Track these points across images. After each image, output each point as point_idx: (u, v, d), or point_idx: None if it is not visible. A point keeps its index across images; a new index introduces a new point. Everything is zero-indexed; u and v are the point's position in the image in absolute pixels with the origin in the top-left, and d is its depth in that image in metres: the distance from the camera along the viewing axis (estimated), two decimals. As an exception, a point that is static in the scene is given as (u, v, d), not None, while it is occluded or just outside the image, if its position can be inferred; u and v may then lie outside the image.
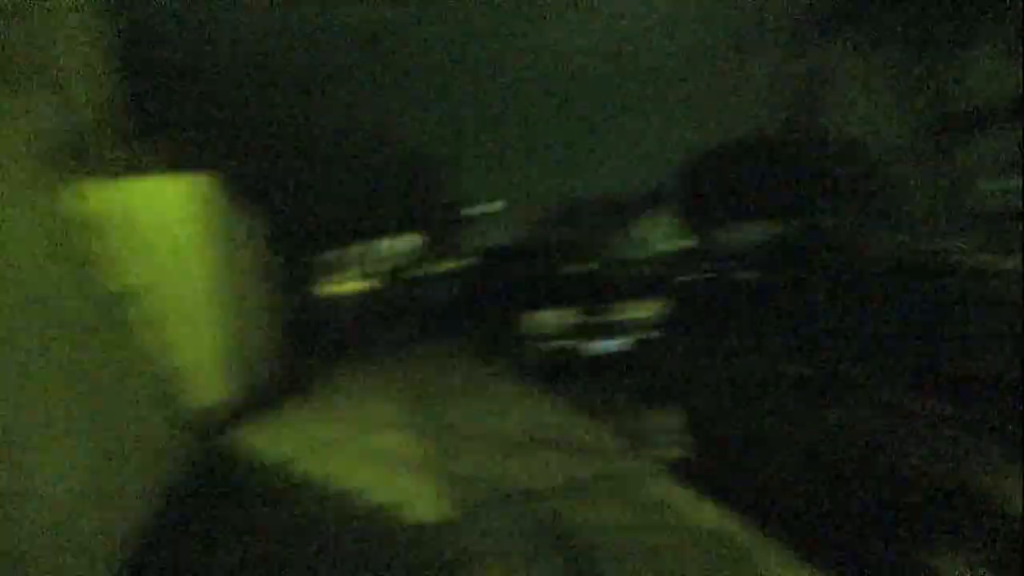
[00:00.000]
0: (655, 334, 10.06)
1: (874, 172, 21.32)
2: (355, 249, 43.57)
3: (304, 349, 14.53)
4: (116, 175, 6.04)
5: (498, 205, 47.87)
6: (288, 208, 13.68)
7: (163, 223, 7.45)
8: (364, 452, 6.21)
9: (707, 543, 3.91)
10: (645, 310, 10.17)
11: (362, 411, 8.02)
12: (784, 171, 32.34)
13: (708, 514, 4.34)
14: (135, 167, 7.14)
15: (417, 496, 4.93)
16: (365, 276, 55.36)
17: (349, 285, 58.19)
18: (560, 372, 10.06)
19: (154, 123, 8.86)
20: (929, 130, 17.32)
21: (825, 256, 5.19)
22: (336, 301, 34.18)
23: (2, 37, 3.99)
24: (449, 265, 40.54)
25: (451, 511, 4.60)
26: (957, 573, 2.92)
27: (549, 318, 9.77)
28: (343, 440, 6.66)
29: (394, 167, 18.60)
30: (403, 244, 47.20)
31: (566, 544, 4.00)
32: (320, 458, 6.11)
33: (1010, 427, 2.87)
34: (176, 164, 8.61)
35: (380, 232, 27.96)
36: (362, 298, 36.88)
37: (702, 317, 5.91)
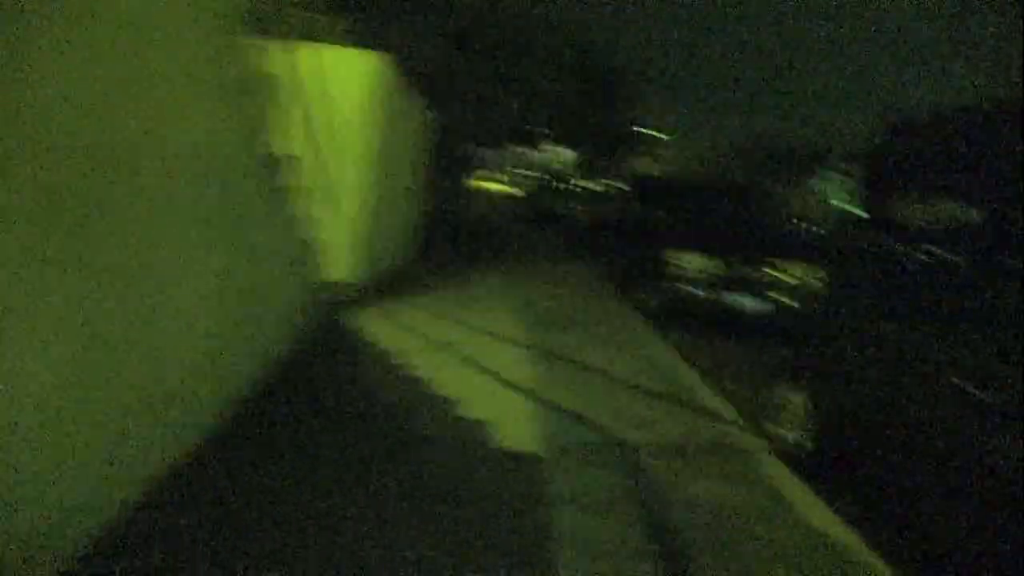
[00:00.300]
0: (804, 301, 9.32)
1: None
2: (513, 151, 43.60)
3: (444, 242, 14.73)
4: (296, 39, 6.01)
5: (670, 135, 45.95)
6: (455, 99, 13.55)
7: (332, 94, 7.47)
8: (472, 363, 6.12)
9: (811, 544, 3.50)
10: (799, 272, 9.37)
11: (483, 320, 7.95)
12: (992, 150, 28.76)
13: (819, 513, 3.89)
14: (315, 34, 7.14)
15: (513, 420, 4.78)
16: (516, 181, 55.55)
17: (498, 186, 58.78)
18: (695, 321, 9.54)
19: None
20: None
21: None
22: (483, 199, 34.59)
23: None
24: (605, 186, 39.90)
25: (541, 445, 4.40)
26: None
27: (694, 261, 9.19)
28: (455, 344, 6.60)
29: (574, 75, 17.94)
30: (563, 155, 46.68)
31: (653, 510, 3.71)
32: (428, 358, 6.09)
33: None
34: (355, 38, 8.59)
35: (541, 139, 27.55)
36: (510, 202, 37.08)
37: (865, 293, 5.23)
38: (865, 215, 35.45)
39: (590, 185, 38.83)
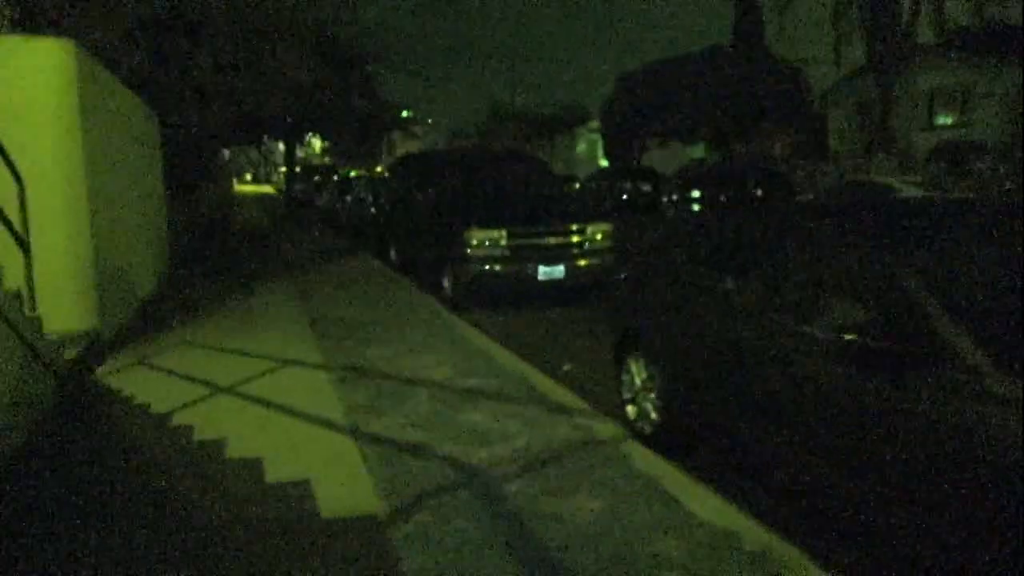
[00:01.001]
0: (611, 261, 9.07)
1: None
2: (266, 147, 40.75)
3: (204, 258, 12.90)
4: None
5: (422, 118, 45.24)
6: (184, 95, 11.65)
7: (10, 95, 5.77)
8: (262, 403, 4.97)
9: (706, 540, 2.92)
10: (599, 232, 9.10)
11: (264, 343, 6.72)
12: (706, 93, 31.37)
13: (708, 502, 3.35)
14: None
15: (328, 472, 3.77)
16: (274, 178, 52.23)
17: (255, 186, 54.90)
18: (502, 301, 8.95)
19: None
20: None
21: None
22: (242, 203, 31.85)
23: None
24: (369, 171, 38.50)
25: (372, 498, 3.46)
26: None
27: (488, 236, 8.55)
28: (237, 386, 5.38)
29: (319, 58, 16.51)
30: (320, 146, 44.43)
31: (525, 553, 2.94)
32: (206, 413, 4.85)
33: None
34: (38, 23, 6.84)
35: (296, 131, 25.63)
36: (273, 202, 34.59)
37: (686, 242, 4.83)
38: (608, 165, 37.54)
39: (355, 172, 37.29)
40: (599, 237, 9.07)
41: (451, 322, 7.67)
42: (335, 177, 28.31)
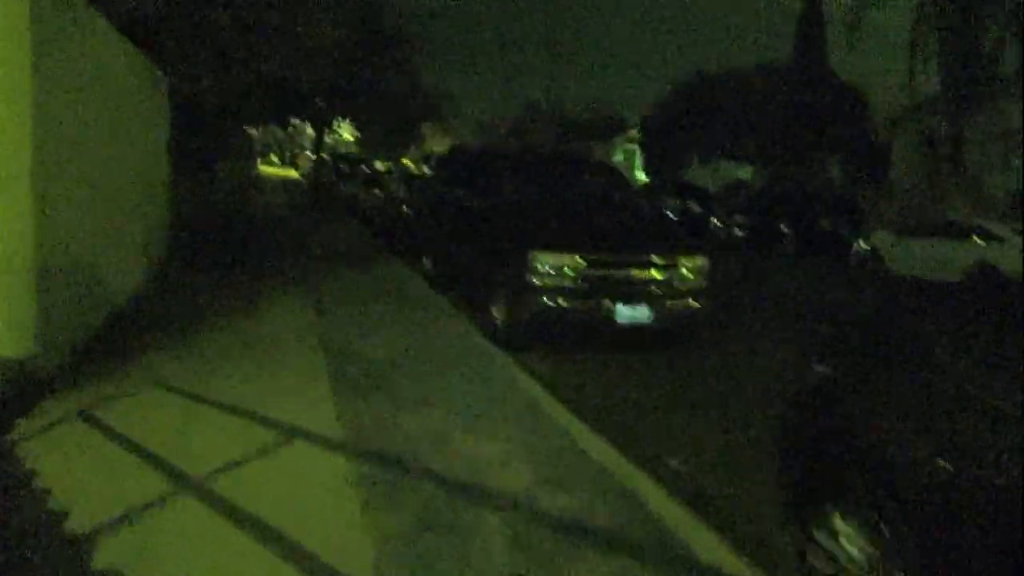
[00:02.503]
0: (705, 305, 7.24)
1: None
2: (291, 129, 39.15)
3: (209, 256, 11.17)
4: None
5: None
6: (197, 56, 9.87)
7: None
8: (245, 523, 3.18)
9: None
10: (693, 267, 7.28)
11: (261, 388, 4.95)
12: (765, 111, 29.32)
13: None
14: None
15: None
16: (301, 164, 50.63)
17: (279, 171, 53.69)
18: (567, 343, 7.17)
19: None
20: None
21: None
22: (262, 193, 30.15)
23: None
24: (405, 165, 36.88)
25: None
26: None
27: (560, 263, 6.74)
28: (210, 479, 3.59)
29: (353, 24, 14.73)
30: (350, 130, 42.82)
31: None
32: (155, 539, 3.06)
33: None
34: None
35: (324, 112, 23.90)
36: (296, 192, 32.79)
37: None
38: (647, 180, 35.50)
39: (384, 165, 35.59)
40: (693, 274, 7.24)
41: (511, 375, 5.86)
42: (364, 168, 26.52)
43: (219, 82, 10.51)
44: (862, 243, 16.85)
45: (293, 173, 57.56)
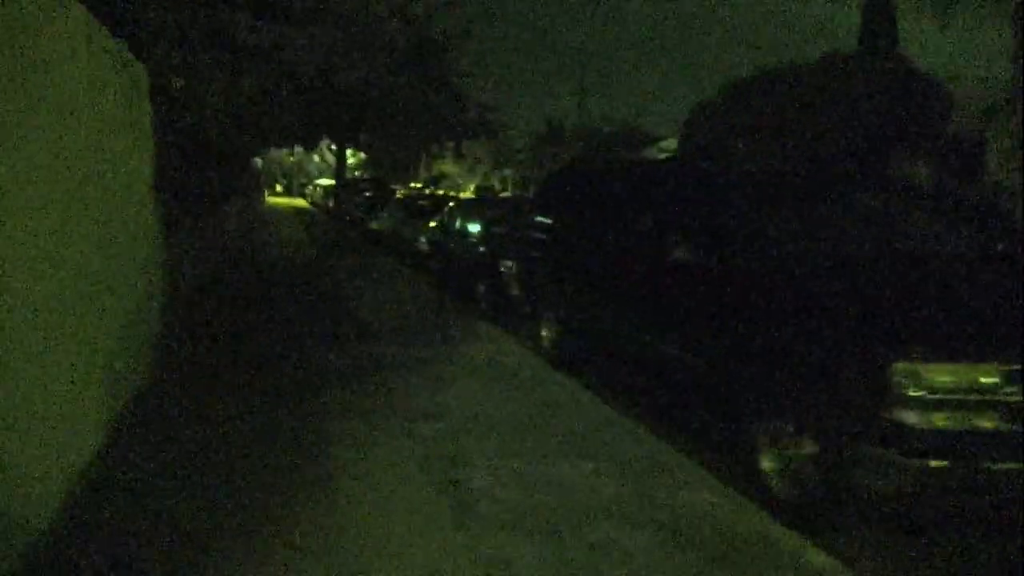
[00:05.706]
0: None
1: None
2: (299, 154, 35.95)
3: (220, 325, 7.68)
4: None
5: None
6: (193, 64, 6.43)
7: None
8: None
9: None
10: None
11: None
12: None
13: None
14: None
15: None
16: (302, 194, 46.99)
17: (287, 199, 50.36)
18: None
19: None
20: None
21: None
22: (273, 230, 26.64)
23: None
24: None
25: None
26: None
27: (964, 379, 3.30)
28: None
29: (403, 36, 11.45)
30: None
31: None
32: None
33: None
34: None
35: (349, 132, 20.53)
36: (314, 223, 29.33)
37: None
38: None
39: (401, 191, 32.08)
40: None
41: None
42: (395, 194, 22.72)
43: (231, 86, 7.10)
44: None
45: (301, 202, 54.47)
